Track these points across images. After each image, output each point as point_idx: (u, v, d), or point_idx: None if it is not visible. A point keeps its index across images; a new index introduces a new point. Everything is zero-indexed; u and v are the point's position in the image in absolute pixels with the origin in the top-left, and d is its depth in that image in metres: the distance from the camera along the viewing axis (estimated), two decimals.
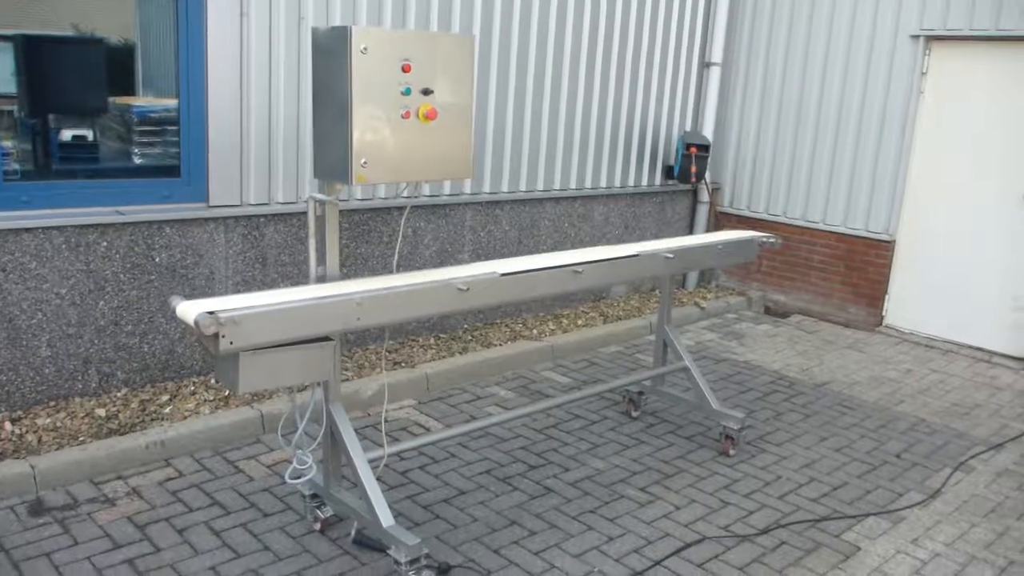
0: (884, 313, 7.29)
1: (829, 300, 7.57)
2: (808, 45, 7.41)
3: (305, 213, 5.26)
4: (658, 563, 3.64)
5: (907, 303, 7.16)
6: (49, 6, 4.55)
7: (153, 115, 4.89)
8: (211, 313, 2.77)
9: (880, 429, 5.23)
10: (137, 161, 4.89)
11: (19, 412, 4.41)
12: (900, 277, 7.16)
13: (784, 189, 7.72)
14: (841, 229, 7.39)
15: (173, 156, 4.86)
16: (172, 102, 4.80)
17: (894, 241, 7.12)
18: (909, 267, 7.10)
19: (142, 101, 4.91)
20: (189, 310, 2.82)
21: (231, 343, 2.83)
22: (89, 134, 4.76)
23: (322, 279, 3.41)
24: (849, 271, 7.40)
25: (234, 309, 2.84)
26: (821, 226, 7.52)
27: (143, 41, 4.92)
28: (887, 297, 7.25)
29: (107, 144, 4.86)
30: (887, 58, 6.93)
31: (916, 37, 6.75)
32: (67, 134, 4.65)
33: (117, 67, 4.82)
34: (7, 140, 4.38)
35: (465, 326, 6.37)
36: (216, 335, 2.78)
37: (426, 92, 3.26)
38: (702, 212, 8.03)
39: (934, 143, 6.85)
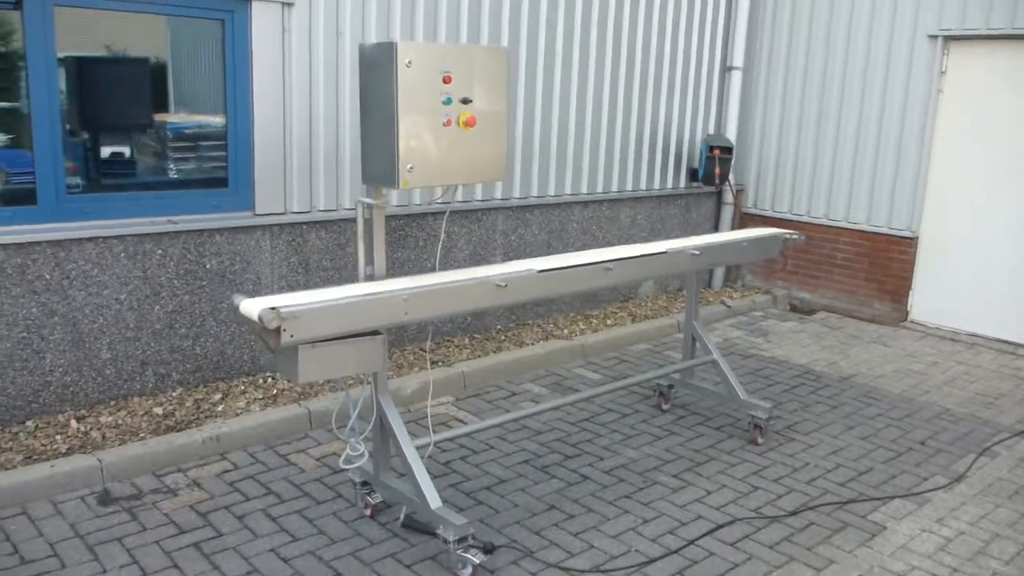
0: (909, 308, 7.41)
1: (854, 297, 7.71)
2: (827, 47, 7.58)
3: (345, 220, 5.52)
4: (691, 542, 3.82)
5: (931, 298, 7.29)
6: (105, 31, 4.84)
7: (203, 130, 5.17)
8: (273, 309, 3.00)
9: (905, 419, 5.38)
10: (188, 174, 5.17)
11: (83, 411, 4.68)
12: (924, 273, 7.29)
13: (807, 189, 7.88)
14: (864, 227, 7.53)
15: (221, 168, 5.13)
16: (220, 119, 5.07)
17: (917, 237, 7.25)
18: (932, 262, 7.23)
19: (193, 118, 5.19)
20: (252, 307, 3.06)
21: (291, 336, 3.06)
22: (145, 149, 5.04)
23: (370, 277, 3.64)
24: (873, 268, 7.54)
25: (294, 305, 3.07)
26: (844, 224, 7.67)
27: (191, 62, 5.21)
28: (911, 292, 7.37)
29: (160, 158, 5.15)
30: (906, 58, 7.08)
31: (934, 37, 6.90)
32: (124, 150, 4.94)
33: (172, 87, 5.11)
34: (69, 157, 4.66)
35: (499, 327, 6.59)
36: (278, 329, 3.01)
37: (465, 101, 3.49)
38: (727, 213, 8.20)
39: (954, 140, 6.99)
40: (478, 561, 3.44)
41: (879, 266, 7.49)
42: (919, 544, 3.88)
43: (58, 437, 4.38)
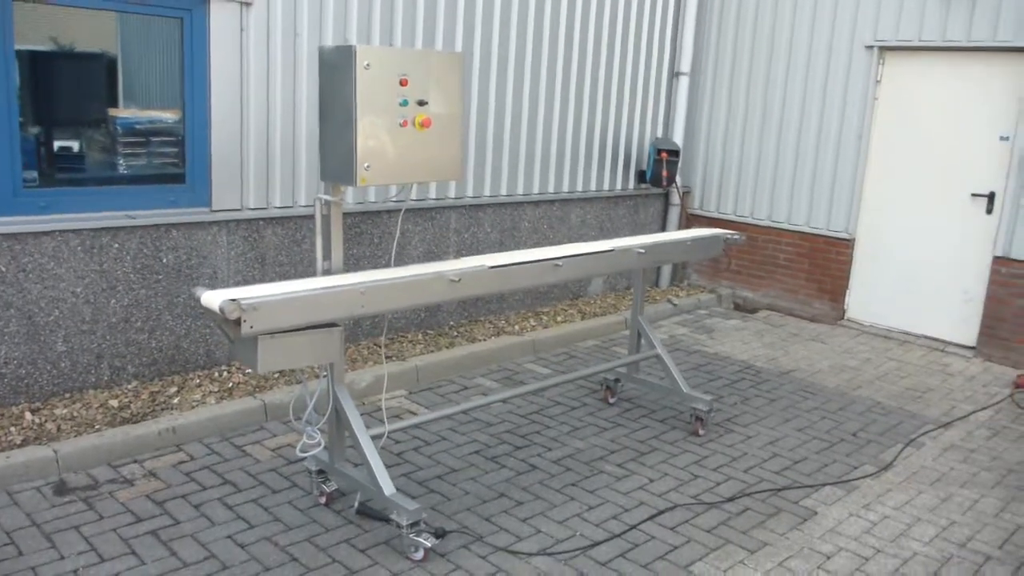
0: (846, 307, 7.73)
1: (795, 296, 8.01)
2: (771, 55, 7.86)
3: (301, 216, 5.61)
4: (634, 527, 4.02)
5: (867, 298, 7.61)
6: (61, 27, 4.87)
7: (157, 126, 5.22)
8: (234, 300, 3.11)
9: (839, 411, 5.65)
10: (143, 169, 5.21)
11: (38, 403, 4.71)
12: (860, 273, 7.61)
13: (751, 191, 8.16)
14: (804, 228, 7.83)
15: (178, 164, 5.19)
16: (176, 115, 5.13)
17: (853, 239, 7.57)
18: (868, 263, 7.55)
19: (146, 114, 5.23)
20: (214, 298, 3.16)
21: (251, 327, 3.17)
22: (100, 143, 5.08)
23: (328, 272, 3.77)
24: (813, 268, 7.84)
25: (254, 297, 3.19)
26: (786, 226, 7.96)
27: (147, 58, 5.25)
28: (848, 292, 7.69)
29: (117, 153, 5.18)
30: (844, 67, 7.39)
31: (871, 47, 7.22)
32: (78, 144, 4.97)
33: (126, 82, 5.15)
34: (24, 152, 4.69)
35: (451, 323, 6.73)
36: (238, 320, 3.12)
37: (421, 103, 3.63)
38: (674, 214, 8.45)
39: (889, 146, 7.32)
40: (429, 545, 3.59)
41: (818, 266, 7.80)
42: (847, 527, 4.12)
43: (12, 429, 4.41)
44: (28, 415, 4.56)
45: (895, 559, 3.86)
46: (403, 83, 3.54)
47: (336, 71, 3.48)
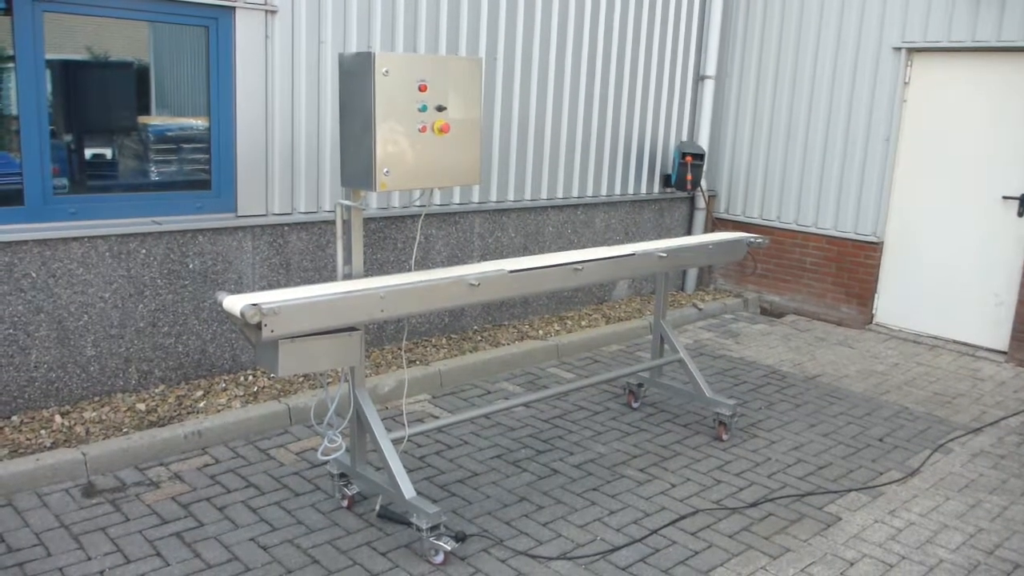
0: (874, 311, 7.65)
1: (822, 300, 7.93)
2: (797, 58, 7.81)
3: (325, 222, 5.67)
4: (655, 532, 4.00)
5: (896, 301, 7.52)
6: (91, 36, 4.97)
7: (186, 133, 5.30)
8: (255, 305, 3.15)
9: (865, 417, 5.58)
10: (171, 176, 5.30)
11: (67, 407, 4.80)
12: (888, 277, 7.53)
13: (777, 195, 8.10)
14: (831, 232, 7.76)
15: (204, 170, 5.26)
16: (204, 122, 5.21)
17: (882, 242, 7.49)
18: (897, 267, 7.46)
19: (175, 121, 5.32)
20: (235, 303, 3.20)
21: (272, 331, 3.21)
22: (129, 151, 5.17)
23: (348, 276, 3.80)
24: (840, 272, 7.76)
25: (274, 302, 3.22)
26: (813, 229, 7.89)
27: (176, 67, 5.34)
28: (876, 296, 7.61)
29: (147, 160, 5.27)
30: (871, 69, 7.32)
31: (898, 49, 7.14)
32: (110, 152, 5.07)
33: (157, 90, 5.24)
34: (55, 159, 4.78)
35: (475, 327, 6.75)
36: (259, 324, 3.16)
37: (440, 109, 3.65)
38: (699, 218, 8.41)
39: (918, 148, 7.23)
40: (449, 548, 3.60)
41: (846, 270, 7.72)
42: (871, 534, 4.07)
43: (43, 432, 4.50)
44: (58, 418, 4.64)
45: (921, 566, 3.81)
46: (422, 89, 3.57)
47: (356, 78, 3.52)
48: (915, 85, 7.17)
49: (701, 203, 8.36)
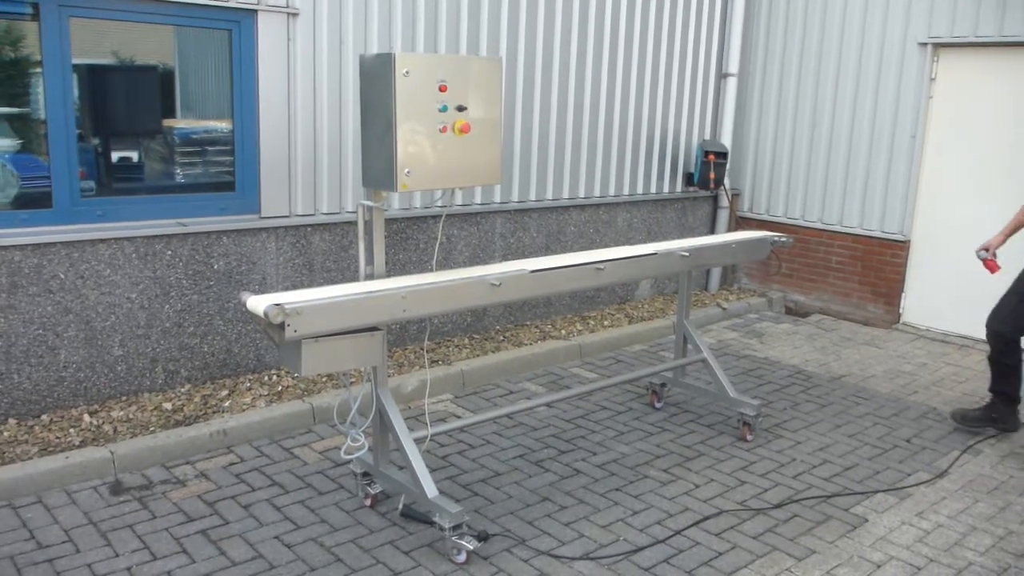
0: (901, 311, 7.56)
1: (848, 300, 7.86)
2: (820, 54, 7.74)
3: (347, 222, 5.69)
4: (678, 532, 3.98)
5: (923, 301, 7.43)
6: (116, 40, 5.04)
7: (210, 136, 5.35)
8: (278, 305, 3.17)
9: (892, 417, 5.52)
10: (196, 178, 5.35)
11: (96, 405, 4.86)
12: (915, 276, 7.44)
13: (801, 193, 8.03)
14: (857, 231, 7.68)
15: (228, 172, 5.31)
16: (227, 124, 5.25)
17: (909, 241, 7.40)
18: (924, 266, 7.37)
19: (200, 124, 5.38)
20: (259, 303, 3.23)
21: (295, 331, 3.23)
22: (154, 154, 5.23)
23: (370, 277, 3.82)
24: (866, 271, 7.68)
25: (297, 302, 3.24)
26: (838, 228, 7.82)
27: (199, 69, 5.39)
28: (903, 295, 7.52)
29: (169, 163, 5.33)
30: (897, 65, 7.23)
31: (924, 45, 7.06)
32: (136, 154, 5.13)
33: (182, 93, 5.30)
34: (82, 162, 4.85)
35: (497, 327, 6.75)
36: (282, 324, 3.18)
37: (460, 109, 3.66)
38: (722, 217, 8.36)
39: (945, 145, 7.14)
40: (472, 547, 3.61)
41: (872, 269, 7.64)
42: (898, 536, 4.03)
43: (72, 430, 4.56)
44: (86, 417, 4.70)
45: (949, 569, 3.76)
46: (442, 89, 3.58)
47: (376, 79, 3.53)
48: (941, 81, 7.08)
49: (724, 202, 8.31)
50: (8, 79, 4.85)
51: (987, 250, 5.26)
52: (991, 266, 5.24)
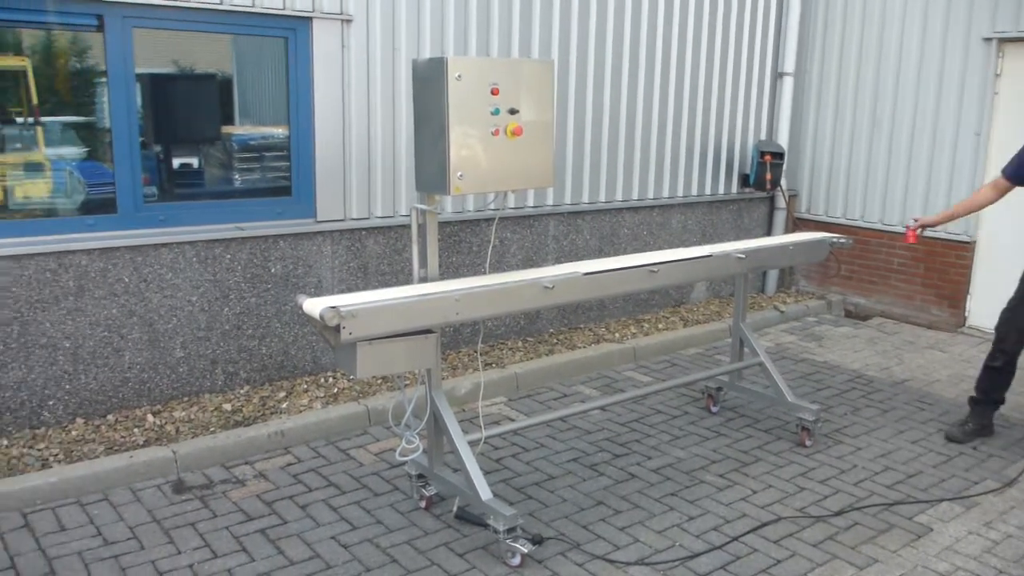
0: (966, 314, 7.34)
1: (910, 302, 7.66)
2: (880, 51, 7.57)
3: (401, 226, 5.74)
4: (735, 539, 3.92)
5: (989, 303, 7.18)
6: (177, 50, 5.17)
7: (267, 142, 5.45)
8: (333, 308, 3.21)
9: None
10: (254, 183, 5.45)
11: (159, 406, 4.98)
12: (981, 277, 7.21)
13: (861, 193, 7.86)
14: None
15: (285, 177, 5.40)
16: (283, 130, 5.34)
17: (974, 242, 7.19)
18: (990, 267, 7.15)
19: (257, 130, 5.48)
20: (315, 306, 3.27)
21: (350, 333, 3.26)
22: (214, 160, 5.35)
23: (424, 279, 3.84)
24: (929, 273, 7.48)
25: (352, 304, 3.28)
26: (899, 229, 7.62)
27: (256, 77, 5.50)
28: (969, 298, 7.30)
29: (228, 168, 5.44)
30: (960, 61, 7.03)
31: (988, 40, 6.85)
32: (197, 160, 5.25)
33: (240, 100, 5.41)
34: (144, 168, 4.98)
35: (551, 330, 6.74)
36: (338, 327, 3.22)
37: (512, 112, 3.66)
38: (779, 218, 8.22)
39: (1011, 142, 6.89)
40: (526, 551, 3.60)
41: (936, 271, 7.44)
42: (965, 546, 3.91)
43: (136, 430, 4.68)
44: (150, 417, 4.82)
45: None
46: (494, 92, 3.58)
47: (429, 83, 3.55)
48: (1007, 77, 6.86)
49: (781, 203, 8.18)
50: (75, 89, 5.01)
51: (916, 220, 5.26)
52: (910, 236, 5.23)
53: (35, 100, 4.89)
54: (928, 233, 7.39)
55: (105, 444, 4.51)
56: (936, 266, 7.42)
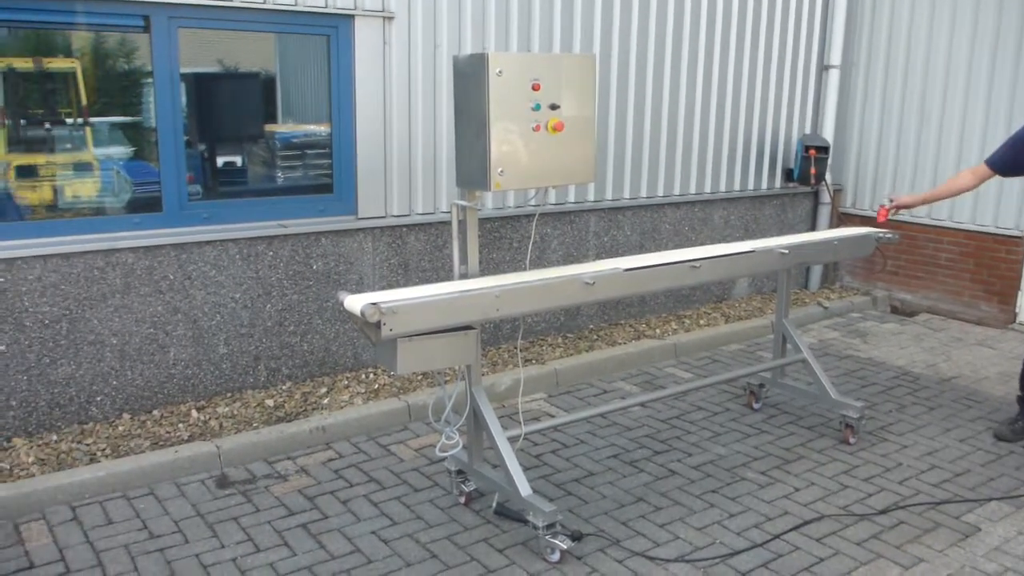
0: (1017, 310, 7.17)
1: (958, 298, 7.50)
2: (930, 43, 7.41)
3: (442, 222, 5.76)
4: (777, 537, 3.87)
5: None
6: (221, 49, 5.24)
7: (309, 140, 5.51)
8: (374, 304, 3.23)
9: None
10: (296, 181, 5.51)
11: (203, 402, 5.06)
12: None
13: (908, 187, 7.70)
14: (969, 226, 7.32)
15: (326, 175, 5.45)
16: (325, 128, 5.39)
17: None
18: None
19: (300, 128, 5.54)
20: (356, 302, 3.29)
21: (391, 330, 3.28)
22: (256, 158, 5.42)
23: (464, 275, 3.85)
24: (978, 268, 7.32)
25: (393, 301, 3.30)
26: (948, 223, 7.47)
27: (298, 75, 5.55)
28: (1020, 293, 7.13)
29: (270, 166, 5.51)
30: (1014, 50, 6.85)
31: None
32: (240, 159, 5.33)
33: (284, 99, 5.47)
34: (189, 167, 5.06)
35: (591, 326, 6.72)
36: (378, 323, 3.24)
37: (553, 107, 3.65)
38: (824, 213, 8.10)
39: None
40: (565, 547, 3.59)
41: (985, 266, 7.27)
42: (1015, 546, 3.82)
43: (180, 425, 4.76)
44: (194, 413, 4.90)
45: None
46: (535, 88, 3.57)
47: (469, 79, 3.55)
48: None
49: (826, 197, 8.05)
50: (122, 90, 5.11)
51: (891, 200, 5.08)
52: (881, 214, 5.07)
53: (84, 101, 5.00)
54: (976, 228, 7.26)
55: (151, 439, 4.59)
56: (985, 261, 7.25)
